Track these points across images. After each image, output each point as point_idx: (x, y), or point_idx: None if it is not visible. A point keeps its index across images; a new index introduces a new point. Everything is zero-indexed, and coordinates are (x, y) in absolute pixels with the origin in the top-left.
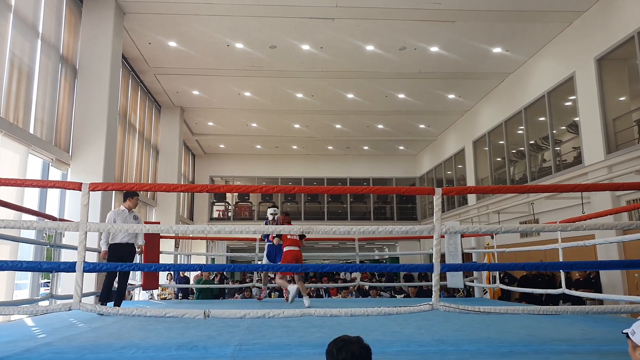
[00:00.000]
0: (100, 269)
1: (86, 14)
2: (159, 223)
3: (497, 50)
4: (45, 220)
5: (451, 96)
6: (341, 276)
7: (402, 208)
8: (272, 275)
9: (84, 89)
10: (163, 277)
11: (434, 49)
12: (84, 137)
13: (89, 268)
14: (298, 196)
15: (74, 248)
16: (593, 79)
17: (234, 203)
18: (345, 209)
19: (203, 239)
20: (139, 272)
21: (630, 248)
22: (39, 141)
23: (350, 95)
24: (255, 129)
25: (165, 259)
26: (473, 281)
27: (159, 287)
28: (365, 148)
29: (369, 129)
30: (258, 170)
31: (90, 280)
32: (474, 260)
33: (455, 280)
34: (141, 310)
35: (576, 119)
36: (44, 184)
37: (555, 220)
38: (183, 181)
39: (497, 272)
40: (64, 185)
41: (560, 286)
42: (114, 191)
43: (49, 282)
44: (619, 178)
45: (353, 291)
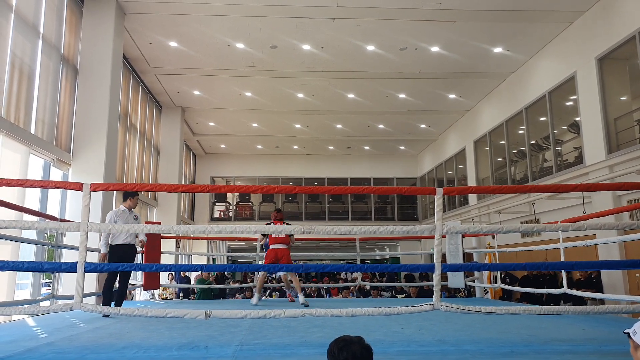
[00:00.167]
0: (101, 269)
1: (87, 14)
2: (160, 223)
3: (498, 50)
4: (47, 220)
5: (452, 96)
6: (342, 276)
7: (403, 208)
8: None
9: (85, 89)
10: (164, 277)
11: (435, 48)
12: (85, 137)
13: (90, 268)
14: (299, 196)
15: (75, 248)
16: (594, 78)
17: (235, 203)
18: (346, 209)
19: (204, 239)
20: (140, 272)
21: (631, 248)
22: (40, 141)
23: (351, 95)
24: (256, 129)
25: (166, 259)
26: (474, 281)
27: (160, 287)
28: (366, 148)
29: (369, 129)
30: (259, 170)
31: (91, 281)
32: (475, 260)
33: (456, 280)
34: (142, 311)
35: (577, 119)
36: (45, 184)
37: (557, 220)
38: (184, 181)
39: (498, 272)
40: (65, 185)
41: (562, 286)
42: (115, 191)
43: (50, 283)
44: (620, 178)
45: (354, 291)
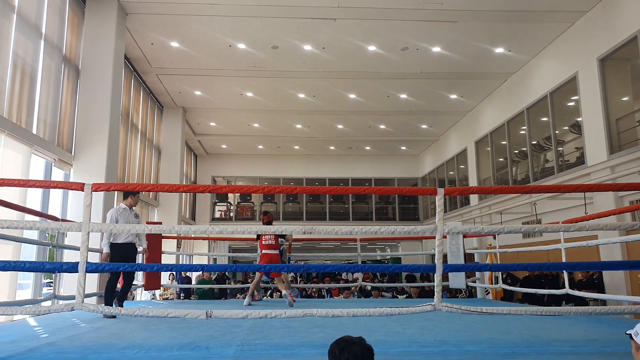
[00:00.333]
0: (102, 269)
1: (89, 15)
2: (161, 223)
3: (500, 50)
4: (48, 220)
5: (453, 96)
6: (343, 276)
7: (404, 208)
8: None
9: (87, 89)
10: (165, 277)
11: (436, 49)
12: (86, 138)
13: (91, 268)
14: (300, 196)
15: (77, 248)
16: (596, 79)
17: (236, 203)
18: (347, 209)
19: (205, 239)
20: (141, 272)
21: (633, 248)
22: (41, 141)
23: (352, 96)
24: (257, 129)
25: (167, 259)
26: (475, 282)
27: (161, 288)
28: (367, 148)
29: (370, 129)
30: (260, 170)
31: (92, 281)
32: (476, 260)
33: (457, 280)
34: (143, 311)
35: (579, 119)
36: (46, 185)
37: (558, 221)
38: (185, 181)
39: (500, 273)
40: (66, 185)
41: (563, 287)
42: (116, 191)
43: (51, 283)
44: (622, 178)
45: (355, 291)
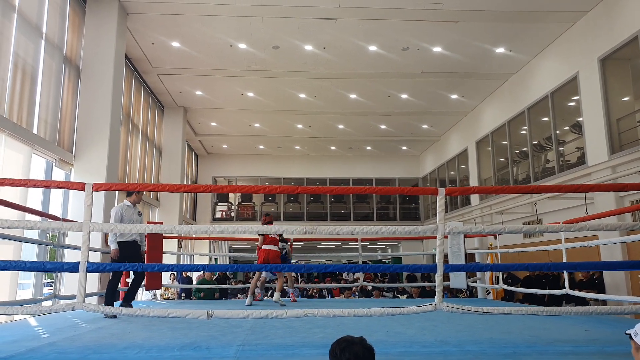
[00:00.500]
0: (103, 269)
1: (90, 15)
2: (162, 223)
3: (500, 50)
4: (49, 220)
5: (454, 96)
6: (344, 276)
7: (405, 208)
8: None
9: (88, 89)
10: (166, 277)
11: (437, 49)
12: (87, 137)
13: (92, 268)
14: (301, 196)
15: (78, 248)
16: (597, 79)
17: (237, 203)
18: (348, 209)
19: (206, 239)
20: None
21: (633, 249)
22: (42, 141)
23: (353, 96)
24: (258, 129)
25: (168, 259)
26: (476, 282)
27: (162, 288)
28: (368, 148)
29: (371, 129)
30: (261, 170)
31: (93, 281)
32: (477, 260)
33: (458, 280)
34: (144, 311)
35: (580, 119)
36: (47, 184)
37: (559, 221)
38: (186, 181)
39: (500, 273)
40: (67, 185)
41: (564, 287)
42: (117, 191)
43: (52, 282)
44: (623, 178)
45: (356, 291)
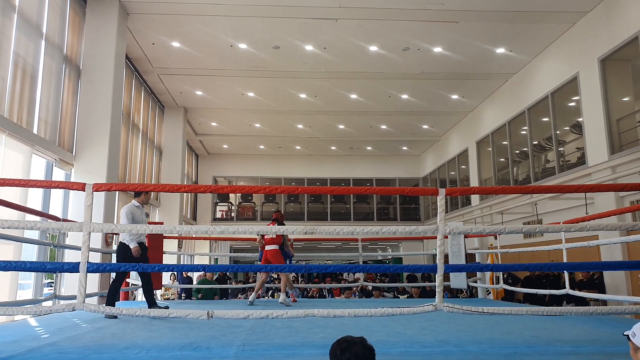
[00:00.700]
0: (104, 269)
1: (90, 15)
2: (162, 223)
3: (501, 50)
4: (49, 220)
5: (454, 97)
6: (344, 277)
7: (406, 209)
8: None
9: (88, 89)
10: (166, 278)
11: (438, 49)
12: (87, 138)
13: (92, 268)
14: (301, 197)
15: (78, 248)
16: (597, 79)
17: (237, 203)
18: (349, 209)
19: (206, 239)
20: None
21: (634, 249)
22: (42, 141)
23: (353, 96)
24: (258, 130)
25: (169, 259)
26: (476, 282)
27: (162, 288)
28: (369, 148)
29: (372, 129)
30: (261, 170)
31: (93, 281)
32: (477, 260)
33: (458, 280)
34: (144, 311)
35: (580, 120)
36: (47, 185)
37: (559, 221)
38: (186, 181)
39: (501, 273)
40: (67, 185)
41: (564, 287)
42: (118, 191)
43: (52, 283)
44: (623, 179)
45: (356, 292)
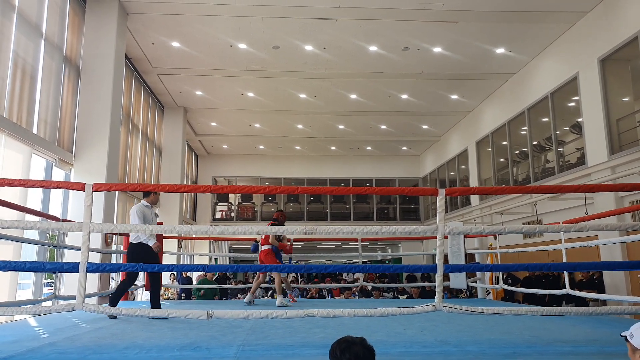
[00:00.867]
0: (103, 269)
1: (90, 15)
2: (162, 223)
3: (501, 50)
4: (49, 220)
5: (454, 97)
6: (344, 277)
7: (405, 209)
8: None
9: (87, 89)
10: (166, 278)
11: (437, 49)
12: (87, 138)
13: (92, 269)
14: (301, 197)
15: (77, 249)
16: (596, 79)
17: (237, 203)
18: (348, 209)
19: (206, 239)
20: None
21: (633, 249)
22: (42, 141)
23: (353, 96)
24: (258, 130)
25: (168, 259)
26: (476, 282)
27: (162, 288)
28: (368, 148)
29: (372, 129)
30: (261, 170)
31: (93, 281)
32: (477, 260)
33: (458, 281)
34: (144, 311)
35: (579, 120)
36: (47, 185)
37: (559, 221)
38: (186, 181)
39: (500, 273)
40: (67, 185)
41: (564, 287)
42: (117, 191)
43: (52, 283)
44: (623, 179)
45: (356, 292)
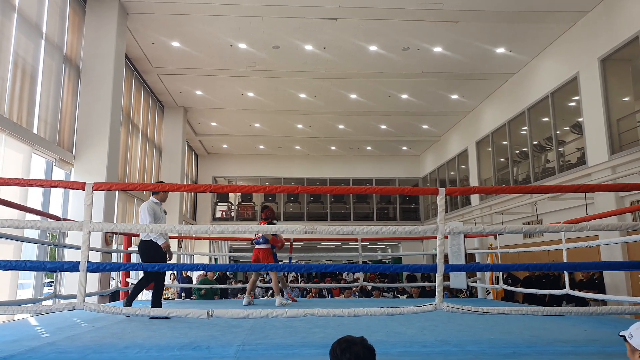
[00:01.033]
0: (103, 268)
1: (90, 15)
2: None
3: (501, 50)
4: (49, 220)
5: (454, 96)
6: (344, 276)
7: (405, 208)
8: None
9: (88, 89)
10: (166, 277)
11: (437, 49)
12: (87, 137)
13: (92, 268)
14: (301, 196)
15: (78, 248)
16: (597, 79)
17: (237, 203)
18: (348, 209)
19: (206, 239)
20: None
21: (634, 249)
22: (42, 141)
23: (353, 96)
24: (258, 129)
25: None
26: (476, 282)
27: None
28: (368, 148)
29: (372, 129)
30: (261, 170)
31: (93, 280)
32: (477, 260)
33: (458, 280)
34: (144, 310)
35: (580, 120)
36: (47, 184)
37: (559, 221)
38: (186, 181)
39: (501, 273)
40: (67, 185)
41: (564, 287)
42: (117, 191)
43: (52, 282)
44: (623, 179)
45: (356, 291)
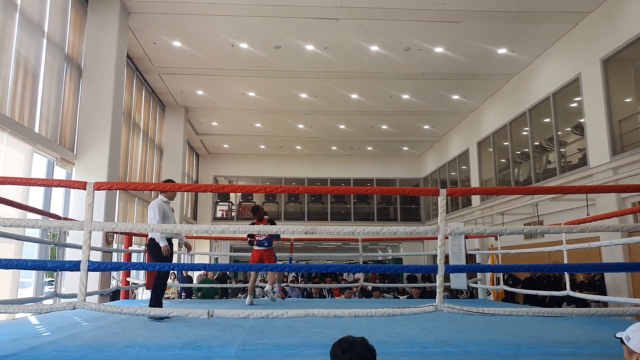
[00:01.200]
0: (104, 268)
1: (91, 14)
2: None
3: (502, 51)
4: (50, 219)
5: (455, 97)
6: (344, 277)
7: (406, 209)
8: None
9: (89, 88)
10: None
11: (439, 49)
12: (88, 137)
13: (93, 267)
14: (301, 196)
15: (79, 247)
16: (599, 80)
17: (238, 203)
18: (349, 209)
19: (207, 238)
20: (142, 272)
21: (635, 250)
22: (44, 140)
23: (354, 96)
24: (259, 129)
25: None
26: (477, 282)
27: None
28: (369, 149)
29: (373, 129)
30: (262, 170)
31: (94, 280)
32: (477, 261)
33: (458, 281)
34: (145, 310)
35: (581, 121)
36: (48, 183)
37: (560, 222)
38: (187, 181)
39: (501, 274)
40: (68, 184)
41: (565, 288)
42: (118, 190)
43: (53, 281)
44: (625, 180)
45: (356, 292)
